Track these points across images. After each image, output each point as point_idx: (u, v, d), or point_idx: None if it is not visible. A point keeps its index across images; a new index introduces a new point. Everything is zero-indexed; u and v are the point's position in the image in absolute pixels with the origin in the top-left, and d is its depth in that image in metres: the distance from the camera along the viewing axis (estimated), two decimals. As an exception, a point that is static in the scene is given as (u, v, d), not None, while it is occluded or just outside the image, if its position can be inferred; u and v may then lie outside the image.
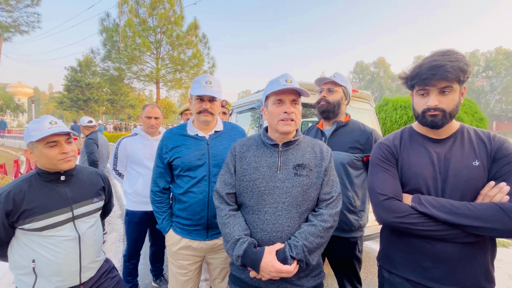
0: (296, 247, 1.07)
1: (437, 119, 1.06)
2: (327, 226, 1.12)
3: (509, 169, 0.99)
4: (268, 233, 1.14)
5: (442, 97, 1.05)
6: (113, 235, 4.07)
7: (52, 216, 1.26)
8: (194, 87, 1.54)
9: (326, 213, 1.14)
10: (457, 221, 0.96)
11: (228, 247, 1.16)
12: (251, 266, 1.09)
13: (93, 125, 3.89)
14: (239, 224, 1.18)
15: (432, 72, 1.02)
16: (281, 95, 1.20)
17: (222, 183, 1.27)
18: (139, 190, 2.31)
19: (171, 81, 20.95)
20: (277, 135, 1.23)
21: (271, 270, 1.05)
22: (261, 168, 1.20)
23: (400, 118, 6.76)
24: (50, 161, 1.27)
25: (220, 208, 1.25)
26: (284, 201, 1.14)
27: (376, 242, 3.85)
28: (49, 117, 1.29)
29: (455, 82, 1.03)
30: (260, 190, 1.17)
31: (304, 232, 1.10)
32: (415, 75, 1.09)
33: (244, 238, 1.13)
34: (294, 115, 1.18)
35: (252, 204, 1.19)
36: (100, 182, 1.54)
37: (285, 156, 1.21)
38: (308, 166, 1.19)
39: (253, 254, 1.08)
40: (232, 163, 1.28)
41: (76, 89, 34.93)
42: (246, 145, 1.30)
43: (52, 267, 1.26)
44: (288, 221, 1.14)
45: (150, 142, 2.40)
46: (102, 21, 18.69)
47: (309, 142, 1.28)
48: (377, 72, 73.51)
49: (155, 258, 2.72)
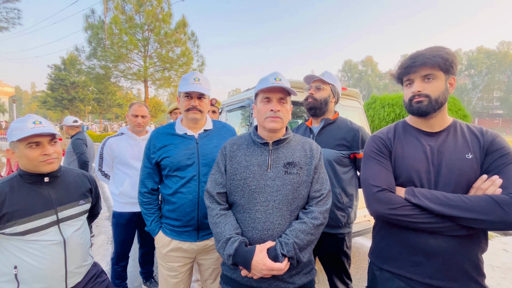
0: (287, 244, 1.07)
1: (423, 106, 1.08)
2: (317, 223, 1.13)
3: (501, 162, 1.00)
4: (259, 232, 1.14)
5: (426, 84, 1.08)
6: (100, 238, 3.97)
7: (35, 219, 1.21)
8: (182, 85, 1.51)
9: (316, 210, 1.15)
10: (451, 213, 0.96)
11: (219, 246, 1.16)
12: (242, 264, 1.09)
13: (79, 125, 3.77)
14: (230, 223, 1.18)
15: (412, 60, 1.08)
16: (268, 93, 1.21)
17: (213, 183, 1.27)
18: (126, 191, 2.26)
19: (159, 80, 20.60)
20: (266, 133, 1.23)
21: (262, 268, 1.05)
22: (251, 167, 1.20)
23: (388, 116, 6.89)
24: (31, 162, 1.22)
25: (211, 208, 1.25)
26: (275, 199, 1.15)
27: (365, 238, 3.92)
28: (34, 116, 1.24)
29: (437, 69, 1.06)
30: (251, 188, 1.17)
31: (294, 229, 1.11)
32: (399, 68, 1.15)
33: (235, 237, 1.13)
34: (281, 113, 1.19)
35: (243, 202, 1.19)
36: (87, 183, 1.49)
37: (275, 154, 1.22)
38: (298, 164, 1.19)
39: (244, 252, 1.08)
40: (223, 162, 1.27)
41: (60, 88, 33.74)
42: (237, 144, 1.30)
43: (35, 273, 1.21)
44: (279, 219, 1.14)
45: (137, 142, 2.35)
46: (87, 17, 18.17)
47: (299, 141, 1.29)
48: (365, 70, 74.81)
49: (144, 260, 2.67)
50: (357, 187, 1.87)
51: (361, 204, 2.15)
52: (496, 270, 3.01)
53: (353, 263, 3.17)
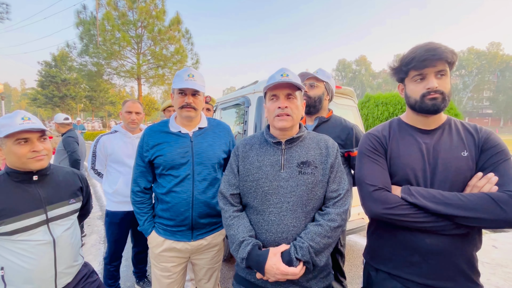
0: (302, 248, 1.03)
1: (438, 102, 1.03)
2: (335, 226, 1.07)
3: (496, 160, 0.99)
4: (273, 234, 1.11)
5: (439, 80, 1.03)
6: (93, 237, 3.91)
7: (23, 218, 1.17)
8: (176, 81, 1.48)
9: (333, 211, 1.10)
10: (448, 211, 0.94)
11: (233, 248, 1.13)
12: (256, 268, 1.07)
13: (70, 122, 3.70)
14: (243, 225, 1.15)
15: (431, 53, 1.01)
16: (275, 91, 1.17)
17: (226, 184, 1.25)
18: (120, 190, 2.22)
19: (153, 78, 20.32)
20: (277, 132, 1.19)
21: (276, 272, 1.02)
22: (264, 167, 1.16)
23: (382, 114, 6.97)
24: (19, 159, 1.18)
25: (225, 210, 1.22)
26: (288, 200, 1.10)
27: (359, 236, 3.95)
28: (23, 112, 1.21)
29: (446, 65, 1.03)
30: (264, 190, 1.13)
31: (310, 232, 1.06)
32: (410, 60, 1.06)
33: (248, 239, 1.10)
34: (289, 109, 1.14)
35: (256, 204, 1.16)
36: (78, 182, 1.45)
37: (288, 153, 1.17)
38: (313, 163, 1.14)
39: (258, 256, 1.05)
40: (236, 163, 1.24)
41: (51, 85, 33.07)
42: (249, 144, 1.26)
43: (23, 275, 1.17)
44: (293, 221, 1.10)
45: (131, 139, 2.31)
46: (78, 13, 17.76)
47: (314, 138, 1.23)
48: (358, 70, 75.44)
49: (138, 260, 2.64)
50: (351, 185, 1.88)
51: (355, 202, 2.17)
52: (486, 266, 3.07)
53: (347, 260, 3.19)
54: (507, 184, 0.95)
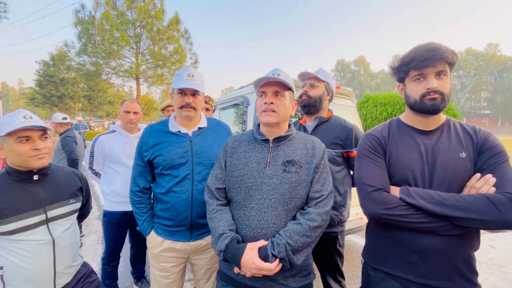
0: (279, 245, 1.04)
1: (437, 103, 1.03)
2: (314, 225, 1.09)
3: (494, 161, 1.00)
4: (252, 229, 1.13)
5: (439, 80, 1.04)
6: (91, 237, 3.90)
7: (23, 218, 1.17)
8: (176, 81, 1.48)
9: (314, 211, 1.11)
10: (446, 212, 0.94)
11: (213, 241, 1.17)
12: (232, 261, 1.09)
13: (68, 122, 3.69)
14: (225, 219, 1.17)
15: (432, 53, 1.01)
16: (264, 88, 1.21)
17: (213, 178, 1.28)
18: (118, 190, 2.22)
19: (152, 77, 20.25)
20: (266, 129, 1.22)
21: (251, 266, 1.03)
22: (250, 164, 1.19)
23: (380, 115, 6.97)
24: (21, 158, 1.18)
25: (209, 203, 1.25)
26: (271, 197, 1.12)
27: (358, 236, 3.96)
28: (24, 111, 1.22)
29: (447, 65, 1.03)
30: (248, 185, 1.16)
31: (289, 230, 1.08)
32: (411, 60, 1.06)
33: (227, 233, 1.12)
34: (275, 106, 1.17)
35: (239, 199, 1.18)
36: (78, 182, 1.45)
37: (275, 151, 1.20)
38: (298, 163, 1.16)
39: (235, 249, 1.08)
40: (224, 158, 1.28)
41: (49, 85, 32.90)
42: (238, 140, 1.29)
43: (22, 274, 1.17)
44: (274, 218, 1.12)
45: (129, 139, 2.30)
46: (77, 12, 17.68)
47: (302, 139, 1.25)
48: (357, 70, 75.62)
49: (136, 260, 2.63)
50: (350, 186, 1.88)
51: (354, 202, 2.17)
52: (483, 266, 3.08)
53: (345, 260, 3.20)
54: (505, 185, 0.95)
